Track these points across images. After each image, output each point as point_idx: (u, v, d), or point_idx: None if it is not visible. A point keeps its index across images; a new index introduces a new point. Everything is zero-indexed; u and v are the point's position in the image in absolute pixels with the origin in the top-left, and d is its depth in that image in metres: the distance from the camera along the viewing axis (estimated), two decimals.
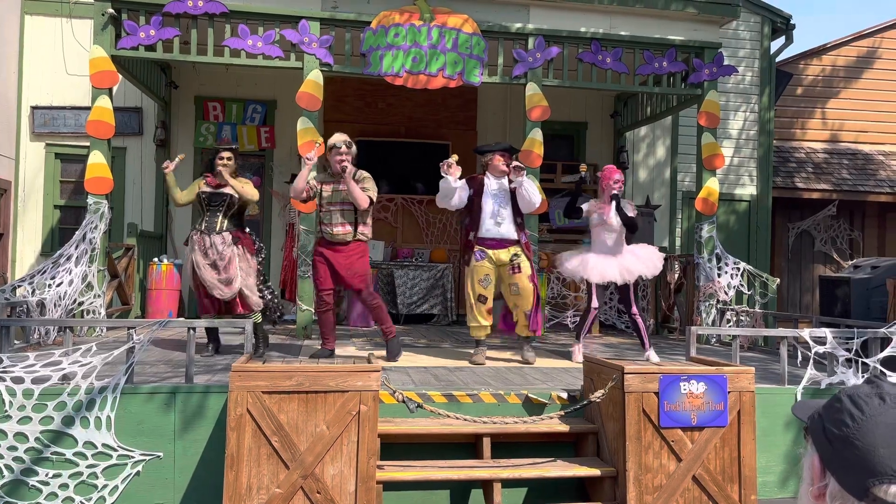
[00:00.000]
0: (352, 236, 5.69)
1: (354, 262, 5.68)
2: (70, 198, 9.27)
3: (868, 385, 1.06)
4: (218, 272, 5.54)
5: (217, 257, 5.56)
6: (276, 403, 3.77)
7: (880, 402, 1.02)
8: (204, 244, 5.59)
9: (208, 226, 5.67)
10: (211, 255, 5.56)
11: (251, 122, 9.55)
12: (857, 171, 11.56)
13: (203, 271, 5.52)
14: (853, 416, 1.01)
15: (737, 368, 4.27)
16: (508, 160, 5.86)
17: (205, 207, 5.75)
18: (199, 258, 5.56)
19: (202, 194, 5.75)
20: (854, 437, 0.99)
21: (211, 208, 5.72)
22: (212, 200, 5.72)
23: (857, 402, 1.03)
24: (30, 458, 4.08)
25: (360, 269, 5.71)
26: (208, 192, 5.75)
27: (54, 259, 6.39)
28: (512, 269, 5.76)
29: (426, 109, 9.79)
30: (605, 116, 10.46)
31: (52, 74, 9.13)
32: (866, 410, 1.01)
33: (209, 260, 5.56)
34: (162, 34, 6.89)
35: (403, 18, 7.23)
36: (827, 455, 1.03)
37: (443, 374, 5.24)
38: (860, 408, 1.02)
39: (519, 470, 4.16)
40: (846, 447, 1.00)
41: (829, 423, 1.04)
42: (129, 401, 4.22)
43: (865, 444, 0.98)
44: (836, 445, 1.01)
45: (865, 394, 1.04)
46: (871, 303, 7.67)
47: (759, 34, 10.75)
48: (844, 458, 1.00)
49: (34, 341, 5.67)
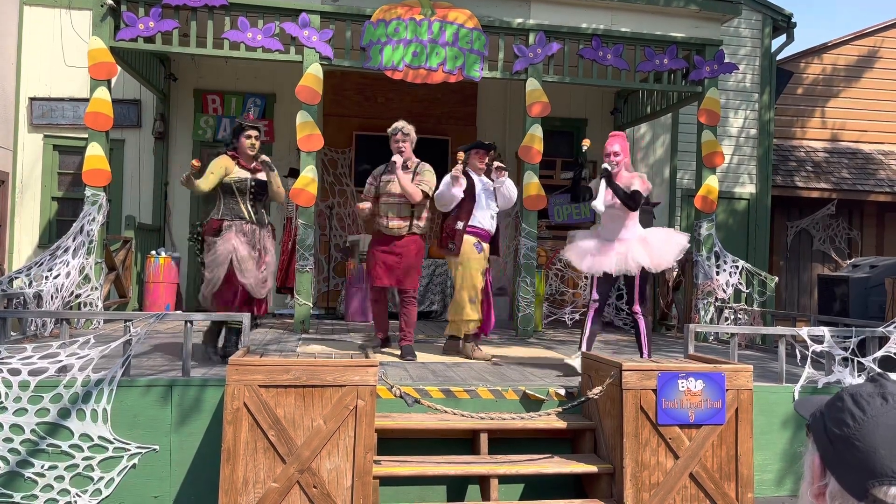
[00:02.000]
0: (407, 230, 5.62)
1: (409, 258, 5.63)
2: (68, 190, 9.24)
3: (871, 384, 1.04)
4: (258, 269, 5.09)
5: (263, 252, 5.14)
6: (273, 397, 3.76)
7: (883, 402, 1.00)
8: (254, 236, 5.10)
9: (258, 217, 5.15)
10: (258, 250, 5.11)
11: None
12: (857, 171, 11.56)
13: (248, 265, 5.02)
14: (854, 417, 1.00)
15: (735, 366, 4.26)
16: (484, 157, 5.83)
17: (246, 194, 5.12)
18: (246, 251, 5.03)
19: (242, 181, 5.10)
20: (855, 437, 0.98)
21: (253, 197, 5.16)
22: (258, 191, 5.17)
23: (859, 401, 1.02)
24: (25, 450, 4.07)
25: (414, 266, 5.66)
26: (247, 178, 5.13)
27: (52, 251, 6.37)
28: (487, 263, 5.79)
29: (426, 104, 9.76)
30: (605, 113, 10.44)
31: (51, 66, 9.09)
32: (868, 411, 1.00)
33: (255, 254, 5.10)
34: (161, 26, 6.86)
35: (404, 12, 7.21)
36: (828, 454, 1.02)
37: (440, 370, 5.23)
38: (862, 408, 1.01)
39: (516, 466, 4.15)
40: (847, 447, 0.99)
41: (831, 423, 1.03)
42: (125, 393, 4.21)
43: (866, 444, 0.97)
44: (836, 445, 1.00)
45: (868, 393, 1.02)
46: (869, 302, 7.66)
47: (759, 32, 10.72)
48: (845, 459, 0.99)
49: (31, 333, 5.65)
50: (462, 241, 5.62)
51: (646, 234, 5.19)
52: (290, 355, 5.42)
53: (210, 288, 5.01)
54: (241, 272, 4.97)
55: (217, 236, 5.04)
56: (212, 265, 5.00)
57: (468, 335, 5.81)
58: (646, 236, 5.15)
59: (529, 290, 7.46)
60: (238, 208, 5.10)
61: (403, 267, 5.66)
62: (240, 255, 4.98)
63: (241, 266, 4.97)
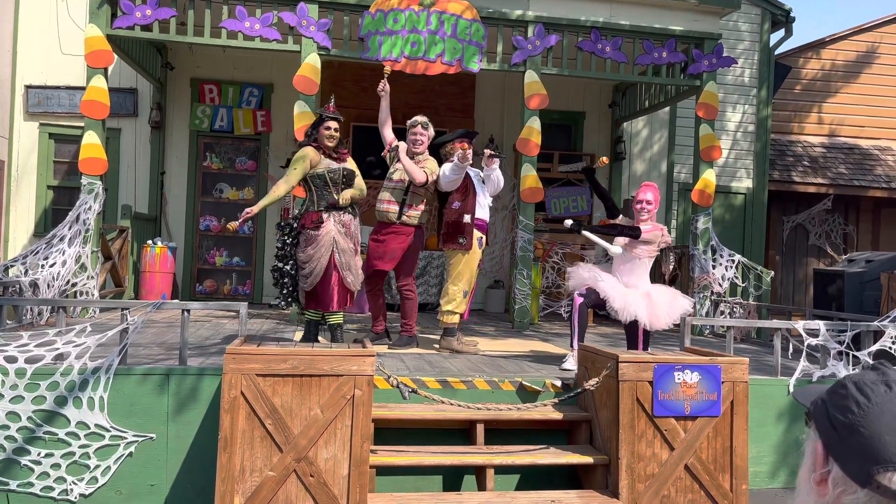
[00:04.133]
0: (396, 216, 5.58)
1: (395, 243, 5.59)
2: (64, 178, 9.21)
3: (874, 372, 1.05)
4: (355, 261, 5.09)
5: (357, 243, 5.11)
6: (270, 386, 3.76)
7: (887, 389, 1.01)
8: (350, 228, 5.09)
9: (353, 207, 5.15)
10: (354, 241, 5.09)
11: (247, 106, 9.49)
12: (854, 167, 11.58)
13: (348, 257, 5.00)
14: (859, 404, 1.00)
15: (731, 359, 4.28)
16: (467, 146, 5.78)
17: (338, 185, 5.09)
18: (345, 242, 5.02)
19: (335, 171, 5.05)
20: (859, 424, 0.99)
21: (345, 186, 5.12)
22: (349, 179, 5.10)
23: (863, 389, 1.02)
24: (22, 438, 4.07)
25: (402, 252, 5.60)
26: (339, 168, 5.07)
27: (47, 239, 6.35)
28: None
29: (424, 96, 9.73)
30: (603, 106, 10.44)
31: (47, 54, 9.05)
32: (872, 398, 1.00)
33: (353, 245, 5.07)
34: (158, 14, 6.83)
35: (403, 4, 7.18)
36: (831, 441, 1.02)
37: (437, 361, 5.24)
38: (866, 395, 1.01)
39: (512, 457, 4.16)
40: (851, 434, 0.99)
41: (834, 410, 1.03)
42: (122, 382, 4.20)
43: (871, 431, 0.97)
44: (840, 432, 1.01)
45: (871, 381, 1.03)
46: (864, 297, 7.69)
47: (758, 27, 10.72)
48: (849, 446, 0.99)
49: (27, 322, 5.64)
50: (472, 235, 5.63)
51: (651, 289, 5.14)
52: (288, 345, 5.41)
53: (311, 281, 4.95)
54: (343, 265, 4.96)
55: (317, 229, 4.96)
56: (313, 258, 4.93)
57: (449, 328, 5.75)
58: (650, 292, 5.09)
59: (526, 282, 7.46)
60: (333, 199, 5.04)
61: (390, 251, 5.60)
62: (341, 247, 4.96)
63: (342, 259, 4.96)
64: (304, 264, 4.98)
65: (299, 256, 5.01)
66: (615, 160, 10.19)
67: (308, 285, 4.99)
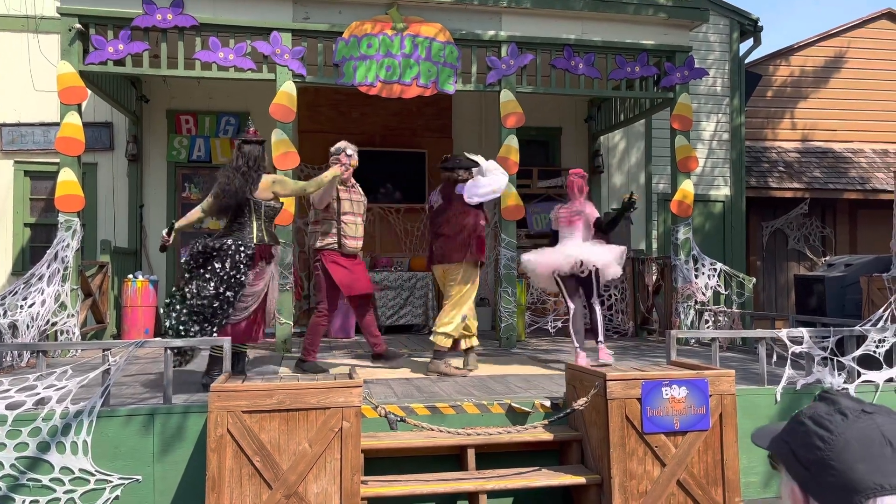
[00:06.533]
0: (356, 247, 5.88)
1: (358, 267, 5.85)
2: (41, 216, 9.11)
3: (824, 403, 1.05)
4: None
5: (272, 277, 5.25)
6: (256, 423, 3.72)
7: (843, 417, 1.01)
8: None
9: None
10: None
11: (224, 135, 9.46)
12: (828, 170, 11.74)
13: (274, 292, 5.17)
14: (823, 438, 1.00)
15: (718, 372, 4.29)
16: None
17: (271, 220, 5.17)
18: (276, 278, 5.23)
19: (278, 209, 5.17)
20: (829, 458, 0.99)
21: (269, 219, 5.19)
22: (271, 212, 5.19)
23: (820, 422, 1.02)
24: (6, 486, 3.98)
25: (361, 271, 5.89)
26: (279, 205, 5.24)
27: (26, 279, 6.27)
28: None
29: (401, 118, 9.77)
30: (580, 121, 10.52)
31: (20, 91, 8.97)
32: (833, 430, 1.00)
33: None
34: (131, 48, 6.81)
35: (376, 29, 7.21)
36: (805, 481, 1.02)
37: (425, 386, 5.21)
38: (827, 428, 1.01)
39: (504, 480, 4.14)
40: (823, 470, 0.99)
41: (800, 449, 1.03)
42: (105, 424, 4.14)
43: (842, 464, 0.97)
44: (812, 470, 1.00)
45: (826, 413, 1.03)
46: (845, 300, 7.77)
47: (727, 37, 10.88)
48: (825, 483, 0.99)
49: (6, 365, 5.55)
50: (485, 246, 5.84)
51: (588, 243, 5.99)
52: (274, 378, 5.36)
53: (245, 315, 4.85)
54: (271, 299, 4.99)
55: (269, 264, 4.99)
56: (258, 293, 4.90)
57: (439, 351, 5.69)
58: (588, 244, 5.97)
59: (511, 299, 7.47)
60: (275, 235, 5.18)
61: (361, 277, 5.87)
62: (274, 282, 5.03)
63: (273, 294, 5.01)
64: (246, 297, 4.84)
65: (245, 290, 4.83)
66: (593, 174, 10.26)
67: (239, 318, 4.83)
